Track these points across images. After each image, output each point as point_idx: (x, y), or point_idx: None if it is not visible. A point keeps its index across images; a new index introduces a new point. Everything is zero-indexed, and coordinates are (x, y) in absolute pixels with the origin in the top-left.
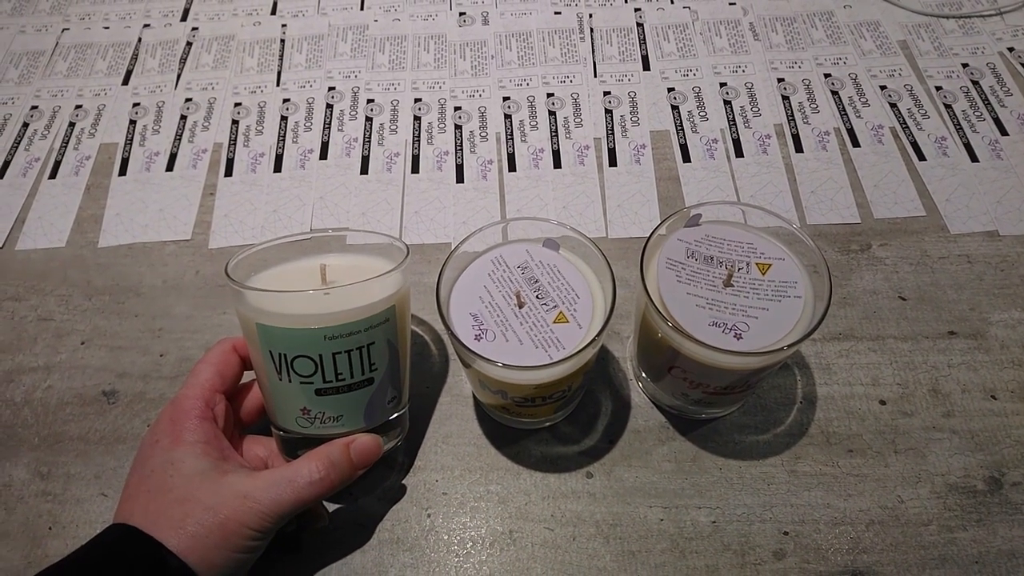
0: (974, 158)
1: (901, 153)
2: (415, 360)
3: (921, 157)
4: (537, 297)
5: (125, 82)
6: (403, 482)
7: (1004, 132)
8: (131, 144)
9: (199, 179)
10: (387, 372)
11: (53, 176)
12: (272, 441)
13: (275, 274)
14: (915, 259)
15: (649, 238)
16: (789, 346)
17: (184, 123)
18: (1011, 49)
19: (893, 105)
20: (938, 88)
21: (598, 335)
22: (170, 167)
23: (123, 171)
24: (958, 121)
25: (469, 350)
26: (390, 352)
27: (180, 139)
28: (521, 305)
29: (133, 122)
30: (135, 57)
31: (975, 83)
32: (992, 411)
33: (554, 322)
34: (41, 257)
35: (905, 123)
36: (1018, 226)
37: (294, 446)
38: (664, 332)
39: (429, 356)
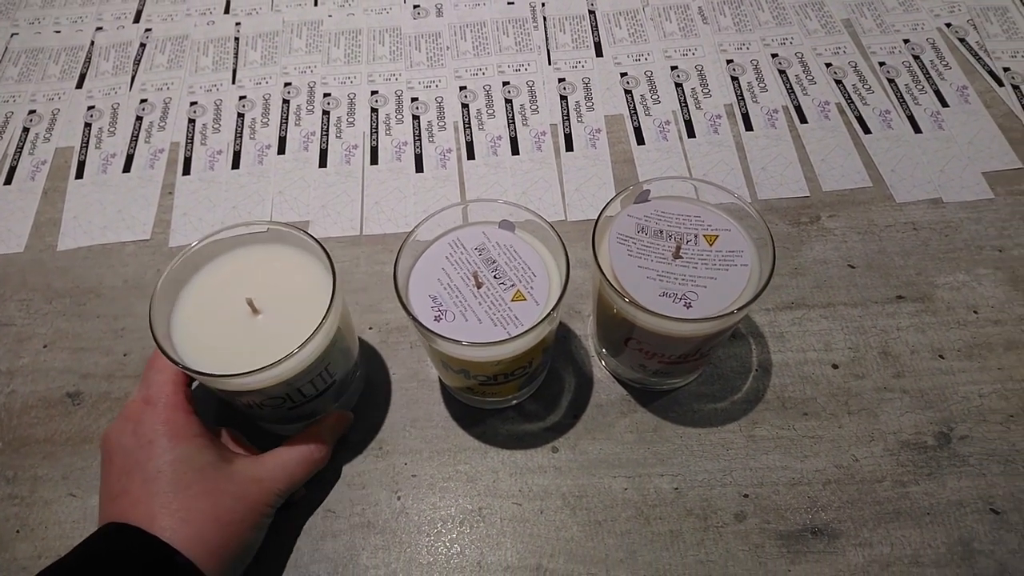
0: (917, 130)
1: (847, 127)
2: (379, 348)
3: (867, 130)
4: (495, 277)
5: (79, 85)
6: (372, 467)
7: (945, 104)
8: (87, 147)
9: (157, 179)
10: (343, 368)
11: (8, 182)
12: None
13: (197, 306)
14: (863, 228)
15: (600, 215)
16: (737, 311)
17: (140, 124)
18: (948, 25)
19: (838, 82)
20: (881, 64)
21: (553, 310)
22: (127, 168)
23: (80, 174)
24: (901, 95)
25: (429, 331)
26: (343, 355)
27: (136, 140)
28: (479, 285)
29: (88, 125)
30: (88, 60)
31: (916, 58)
32: (940, 370)
33: (512, 300)
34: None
35: (850, 98)
36: (960, 193)
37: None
38: (618, 305)
39: (394, 344)
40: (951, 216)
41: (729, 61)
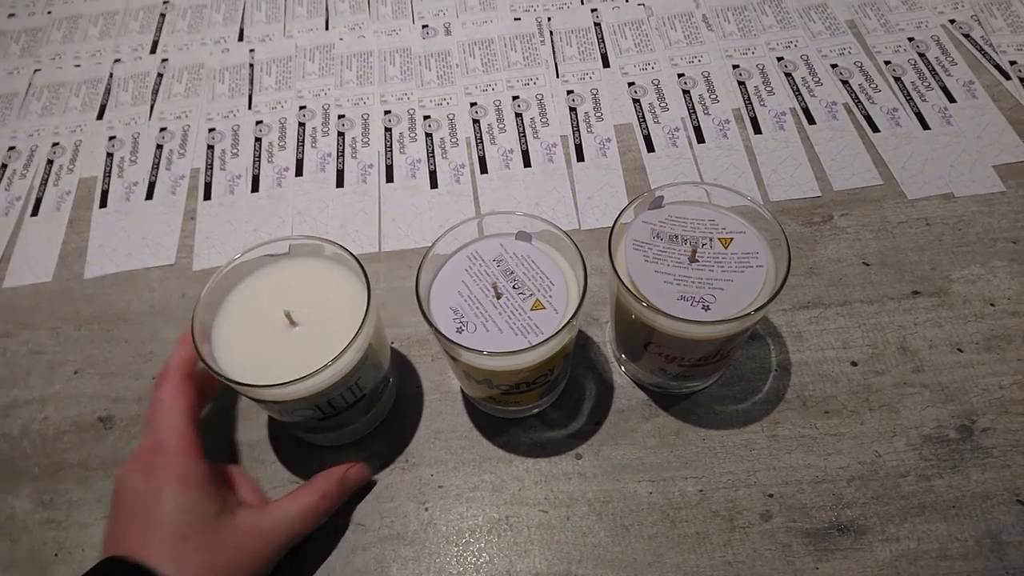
0: (925, 126)
1: (855, 126)
2: (403, 362)
3: (875, 129)
4: (513, 287)
5: (100, 116)
6: (399, 479)
7: (952, 100)
8: (110, 176)
9: (179, 205)
10: (372, 381)
11: (35, 213)
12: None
13: (238, 319)
14: (876, 226)
15: (615, 222)
16: (755, 311)
17: (160, 152)
18: (952, 21)
19: (845, 82)
20: (887, 62)
21: (573, 317)
22: (149, 195)
23: (103, 203)
24: (908, 92)
25: (452, 342)
26: (374, 369)
27: (158, 168)
28: (499, 296)
29: (110, 155)
30: (108, 92)
31: (921, 55)
32: (959, 363)
33: (531, 309)
34: (29, 293)
35: (857, 98)
36: (971, 187)
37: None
38: (636, 311)
39: (416, 357)
40: (963, 210)
41: (735, 66)
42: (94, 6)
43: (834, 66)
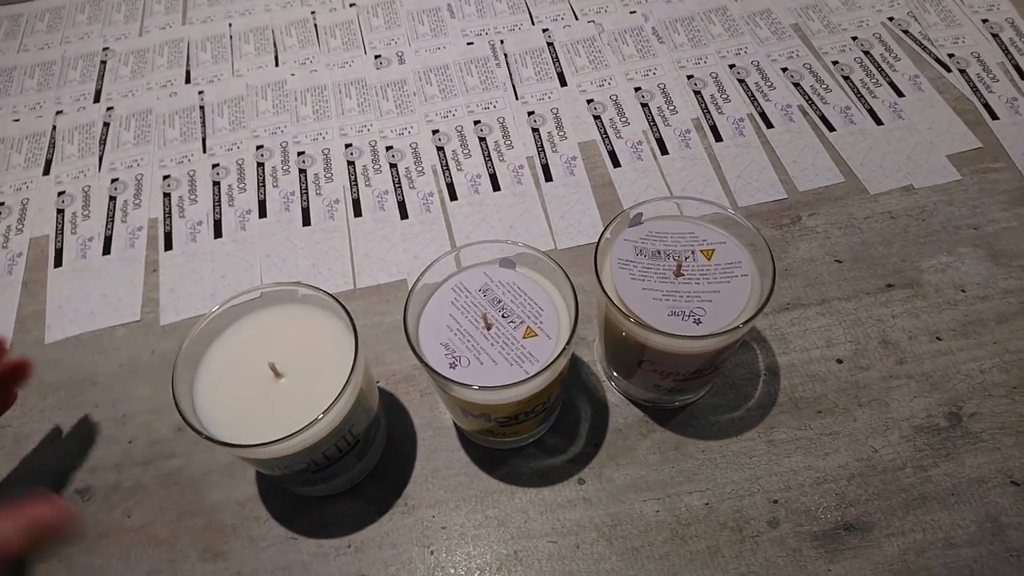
0: (878, 122)
1: (812, 127)
2: (391, 401)
3: (831, 128)
4: (503, 316)
5: (46, 172)
6: (400, 524)
7: (900, 94)
8: (62, 233)
9: (139, 257)
10: (364, 427)
11: None
12: None
13: (219, 375)
14: (843, 223)
15: (598, 243)
16: (747, 321)
17: (114, 204)
18: (891, 19)
19: (796, 84)
20: (835, 63)
21: (568, 342)
22: (107, 250)
23: (58, 262)
24: (858, 90)
25: (447, 379)
26: (365, 414)
27: (113, 221)
28: (489, 327)
29: (61, 211)
30: (52, 145)
31: (866, 53)
32: (939, 351)
33: (524, 338)
34: None
35: (811, 99)
36: (930, 177)
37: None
38: (628, 329)
39: (404, 395)
40: (924, 201)
41: (690, 76)
42: (27, 57)
43: (784, 69)
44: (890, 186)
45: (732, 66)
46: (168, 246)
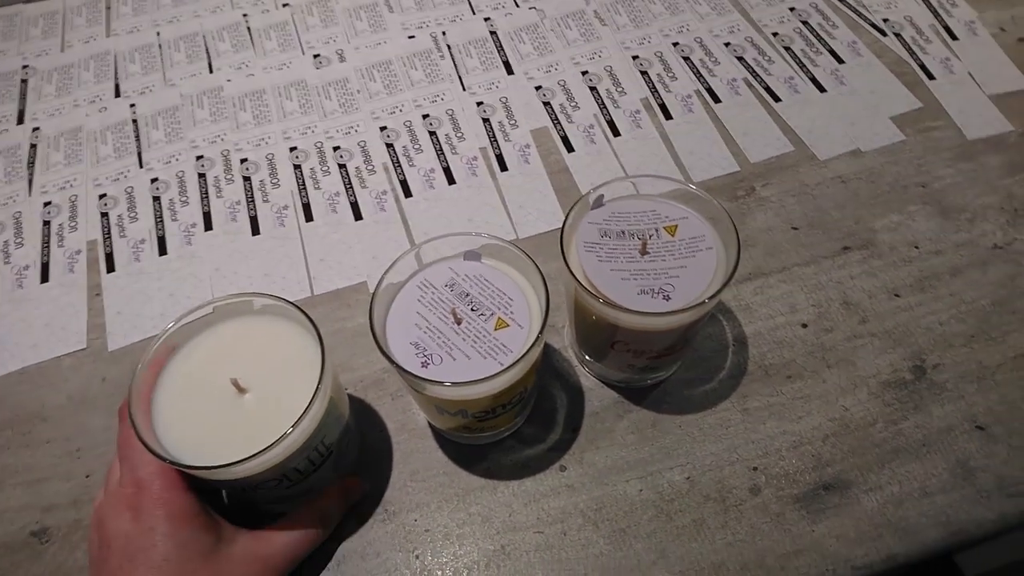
0: (822, 89)
1: (758, 99)
2: (362, 407)
3: (776, 99)
4: (472, 310)
5: None
6: (381, 531)
7: (841, 61)
8: None
9: (80, 282)
10: (337, 436)
11: None
12: None
13: (178, 396)
14: (796, 191)
15: (563, 227)
16: (716, 292)
17: (48, 228)
18: None
19: (740, 58)
20: (775, 34)
21: (541, 330)
22: (45, 278)
23: None
24: (800, 60)
25: (420, 379)
26: (336, 423)
27: (48, 246)
28: (459, 321)
29: None
30: None
31: (805, 23)
32: (899, 308)
33: (495, 329)
34: None
35: (755, 71)
36: (875, 140)
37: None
38: (599, 311)
39: (375, 399)
40: (872, 163)
41: (635, 57)
42: None
43: (727, 44)
44: (838, 151)
45: (676, 44)
46: (111, 268)
